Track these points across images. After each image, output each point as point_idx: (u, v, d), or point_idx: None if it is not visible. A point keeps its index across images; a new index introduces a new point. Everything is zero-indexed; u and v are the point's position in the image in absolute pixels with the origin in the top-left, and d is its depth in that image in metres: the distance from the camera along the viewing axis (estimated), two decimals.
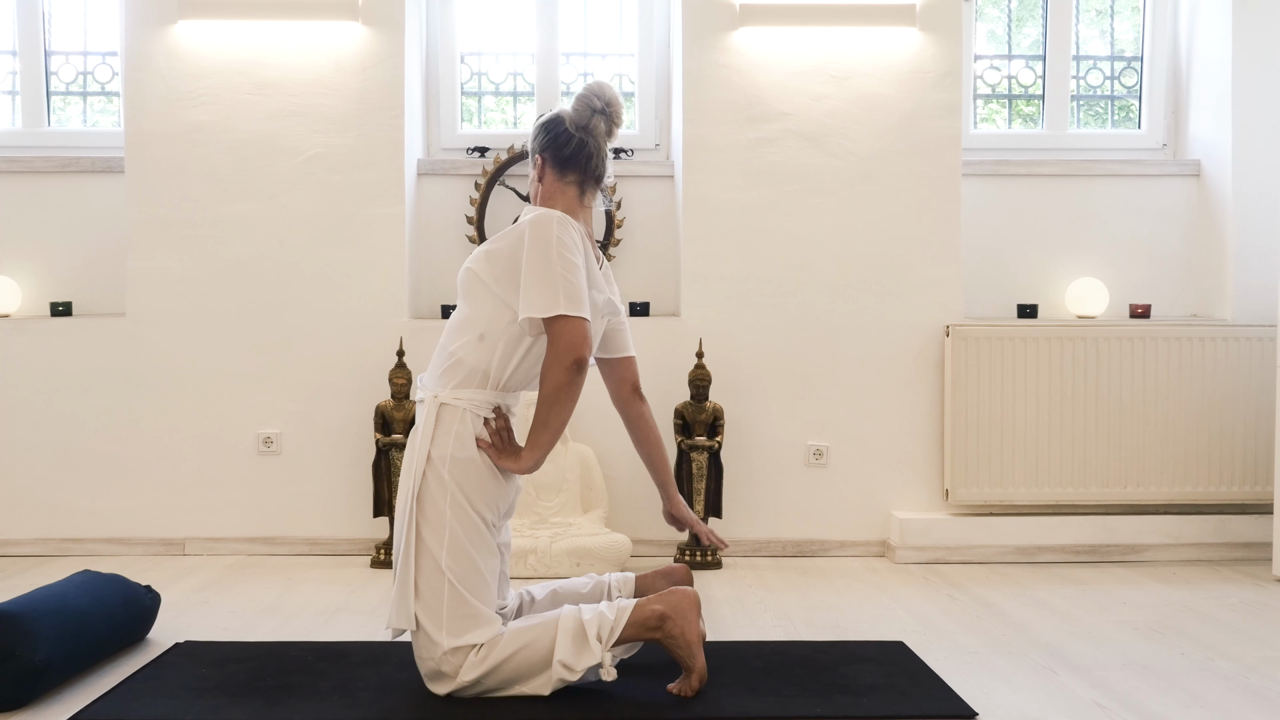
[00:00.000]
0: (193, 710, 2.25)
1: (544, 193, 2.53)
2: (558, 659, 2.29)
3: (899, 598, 3.29)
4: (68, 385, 3.88)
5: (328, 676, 2.47)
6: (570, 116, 2.53)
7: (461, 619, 2.29)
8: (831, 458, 3.94)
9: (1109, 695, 2.38)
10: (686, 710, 2.26)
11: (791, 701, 2.32)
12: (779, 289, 3.93)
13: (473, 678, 2.28)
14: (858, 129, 3.94)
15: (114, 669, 2.55)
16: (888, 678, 2.47)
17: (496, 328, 2.39)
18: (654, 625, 2.36)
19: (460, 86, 4.25)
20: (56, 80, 4.21)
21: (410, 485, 2.35)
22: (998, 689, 2.43)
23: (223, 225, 3.89)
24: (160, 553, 3.87)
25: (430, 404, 2.38)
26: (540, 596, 2.61)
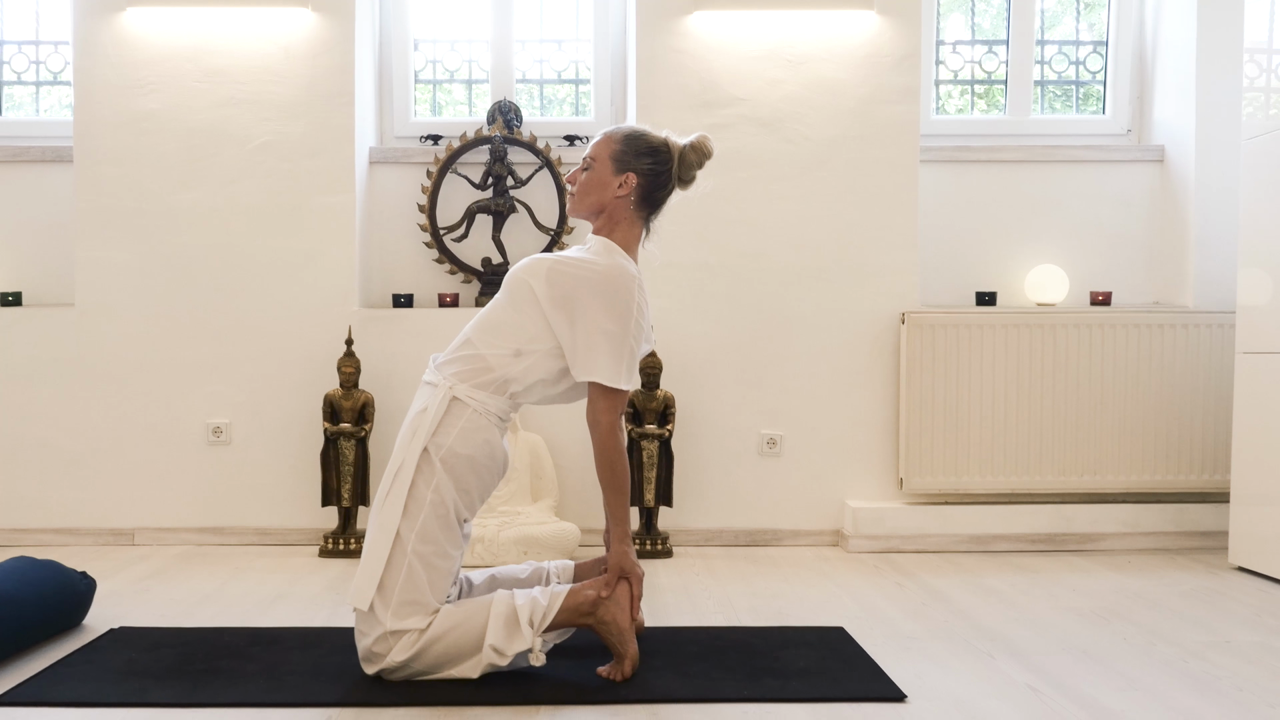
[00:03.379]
0: (116, 693, 2.22)
1: (615, 213, 2.48)
2: (489, 643, 2.27)
3: (846, 585, 3.27)
4: (16, 376, 3.84)
5: (257, 661, 2.44)
6: (679, 165, 2.50)
7: (408, 603, 2.26)
8: (785, 447, 3.92)
9: (1043, 679, 2.37)
10: (613, 693, 2.24)
11: (720, 685, 2.29)
12: (733, 276, 3.91)
13: (403, 658, 2.26)
14: (814, 114, 3.92)
15: (46, 654, 2.52)
16: (821, 662, 2.46)
17: (535, 349, 2.38)
18: (587, 611, 2.34)
19: (414, 74, 4.23)
20: (9, 70, 4.18)
21: (398, 465, 2.33)
22: (931, 673, 2.41)
23: (171, 214, 3.85)
24: (109, 543, 3.83)
25: (443, 393, 2.36)
26: (478, 582, 2.59)
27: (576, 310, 2.36)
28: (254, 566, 3.49)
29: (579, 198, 2.50)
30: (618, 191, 2.47)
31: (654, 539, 3.70)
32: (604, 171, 2.48)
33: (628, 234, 2.50)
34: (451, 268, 4.02)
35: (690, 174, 2.54)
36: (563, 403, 2.53)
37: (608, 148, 2.49)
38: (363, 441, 3.68)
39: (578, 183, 2.50)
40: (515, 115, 4.08)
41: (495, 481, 2.42)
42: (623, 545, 2.38)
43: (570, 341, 2.36)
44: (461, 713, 2.14)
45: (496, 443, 2.39)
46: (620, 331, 2.36)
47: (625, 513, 2.39)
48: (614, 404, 2.37)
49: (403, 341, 3.81)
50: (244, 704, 2.18)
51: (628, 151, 2.47)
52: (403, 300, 3.94)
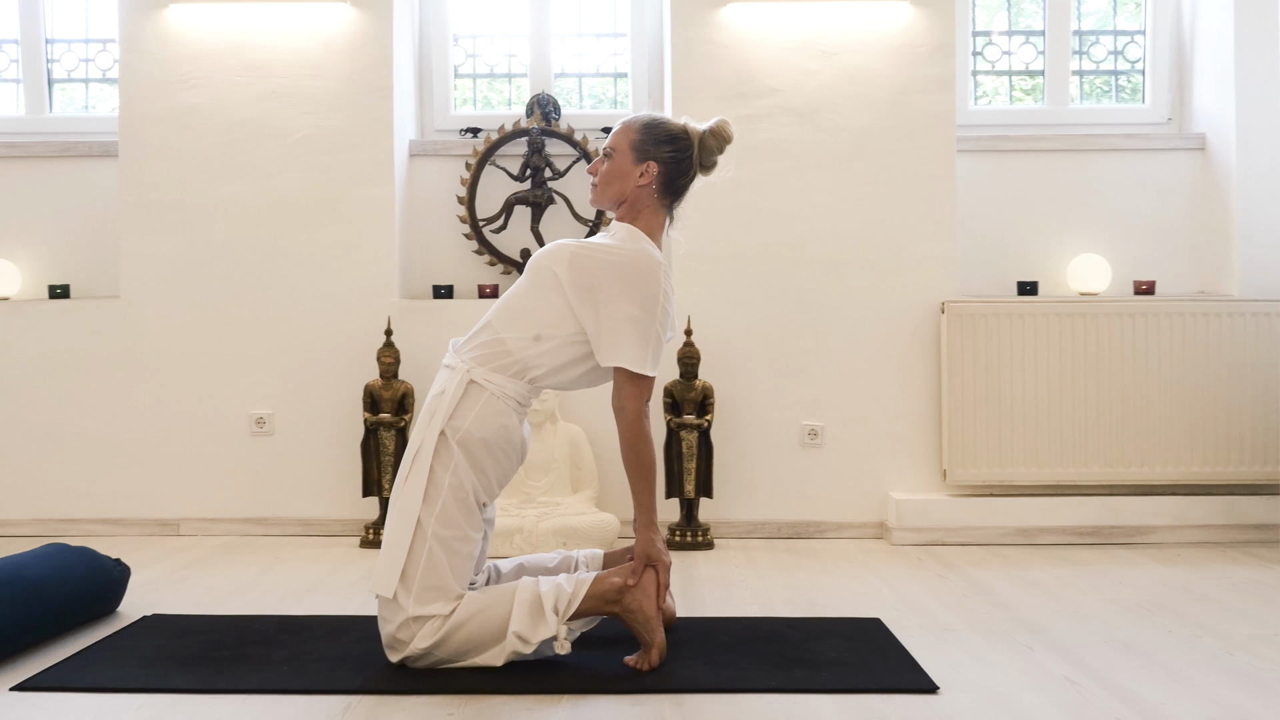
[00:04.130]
0: (139, 678, 2.24)
1: (637, 202, 2.46)
2: (513, 630, 2.26)
3: (886, 578, 3.22)
4: (64, 367, 3.91)
5: (284, 648, 2.45)
6: (699, 151, 2.47)
7: (430, 589, 2.26)
8: (826, 438, 3.87)
9: (1082, 671, 2.30)
10: (638, 682, 2.21)
11: (748, 674, 2.26)
12: (770, 267, 3.87)
13: (426, 645, 2.25)
14: (849, 104, 3.87)
15: (78, 639, 2.55)
16: (854, 653, 2.41)
17: (556, 334, 2.36)
18: (613, 599, 2.32)
19: (454, 68, 4.23)
20: (59, 68, 4.25)
21: (416, 447, 2.33)
22: (967, 664, 2.36)
23: (214, 207, 3.90)
24: (155, 533, 3.88)
25: (460, 375, 2.35)
26: (506, 570, 2.58)
27: (601, 296, 2.33)
28: (294, 557, 3.52)
29: (601, 188, 2.48)
30: (639, 181, 2.44)
31: (694, 530, 3.67)
32: (624, 161, 2.45)
33: (651, 221, 2.47)
34: (491, 259, 4.02)
35: (711, 160, 2.51)
36: (584, 387, 2.51)
37: (627, 137, 2.47)
38: (403, 432, 3.70)
39: (599, 173, 2.48)
40: (553, 108, 4.07)
41: (513, 466, 2.40)
42: (649, 533, 2.35)
43: (595, 327, 2.34)
44: (483, 701, 2.13)
45: (514, 427, 2.37)
46: (646, 317, 2.33)
47: (652, 500, 2.37)
48: (640, 390, 2.35)
49: (442, 332, 3.82)
50: (265, 690, 2.18)
51: (647, 140, 2.45)
52: (443, 291, 3.94)
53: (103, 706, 2.11)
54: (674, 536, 3.67)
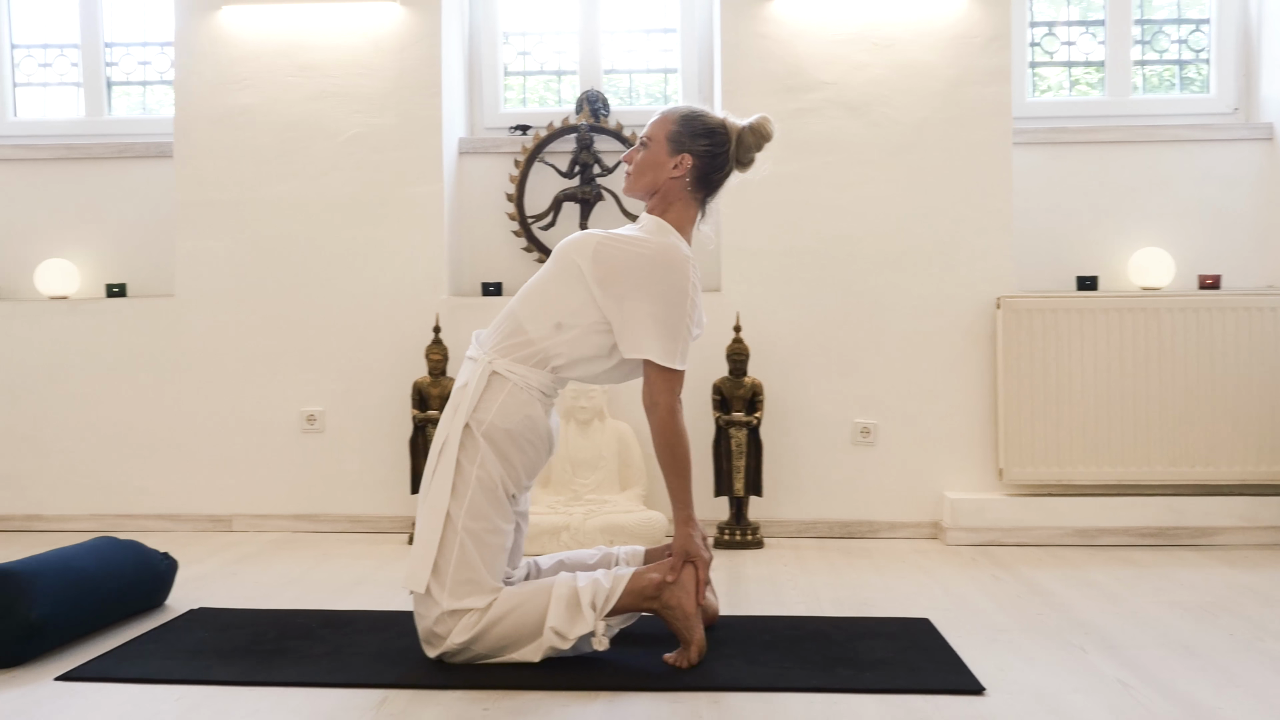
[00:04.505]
0: (180, 670, 2.25)
1: (669, 193, 2.41)
2: (549, 625, 2.23)
3: (939, 578, 3.15)
4: (121, 365, 3.97)
5: (325, 642, 2.45)
6: (736, 147, 2.42)
7: (464, 583, 2.24)
8: (879, 436, 3.80)
9: (1136, 674, 2.22)
10: (676, 680, 2.18)
11: (789, 673, 2.21)
12: (822, 263, 3.81)
13: (463, 640, 2.23)
14: (901, 97, 3.80)
15: (125, 632, 2.57)
16: (900, 653, 2.35)
17: (578, 324, 2.33)
18: (651, 595, 2.28)
19: (503, 66, 4.23)
20: (118, 71, 4.32)
21: (442, 441, 2.32)
22: (1016, 666, 2.28)
23: (266, 206, 3.93)
24: (208, 529, 3.93)
25: (483, 367, 2.34)
26: (546, 566, 2.56)
27: (625, 288, 2.30)
28: (341, 553, 3.53)
29: (634, 177, 2.44)
30: (672, 172, 2.40)
31: (744, 529, 3.63)
32: (659, 151, 2.42)
33: (682, 215, 2.43)
34: (539, 256, 4.01)
35: (748, 156, 2.46)
36: (612, 382, 2.47)
37: (664, 127, 2.43)
38: None
39: (633, 162, 2.45)
40: (602, 104, 4.05)
41: (541, 457, 2.38)
42: (687, 528, 2.32)
43: (620, 319, 2.31)
44: (518, 696, 2.11)
45: (539, 417, 2.34)
46: (672, 311, 2.30)
47: (688, 495, 2.33)
48: (671, 385, 2.31)
49: None
50: (303, 683, 2.18)
51: (684, 132, 2.41)
52: (491, 288, 3.94)
53: (142, 697, 2.12)
54: (722, 535, 3.62)
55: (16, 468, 3.99)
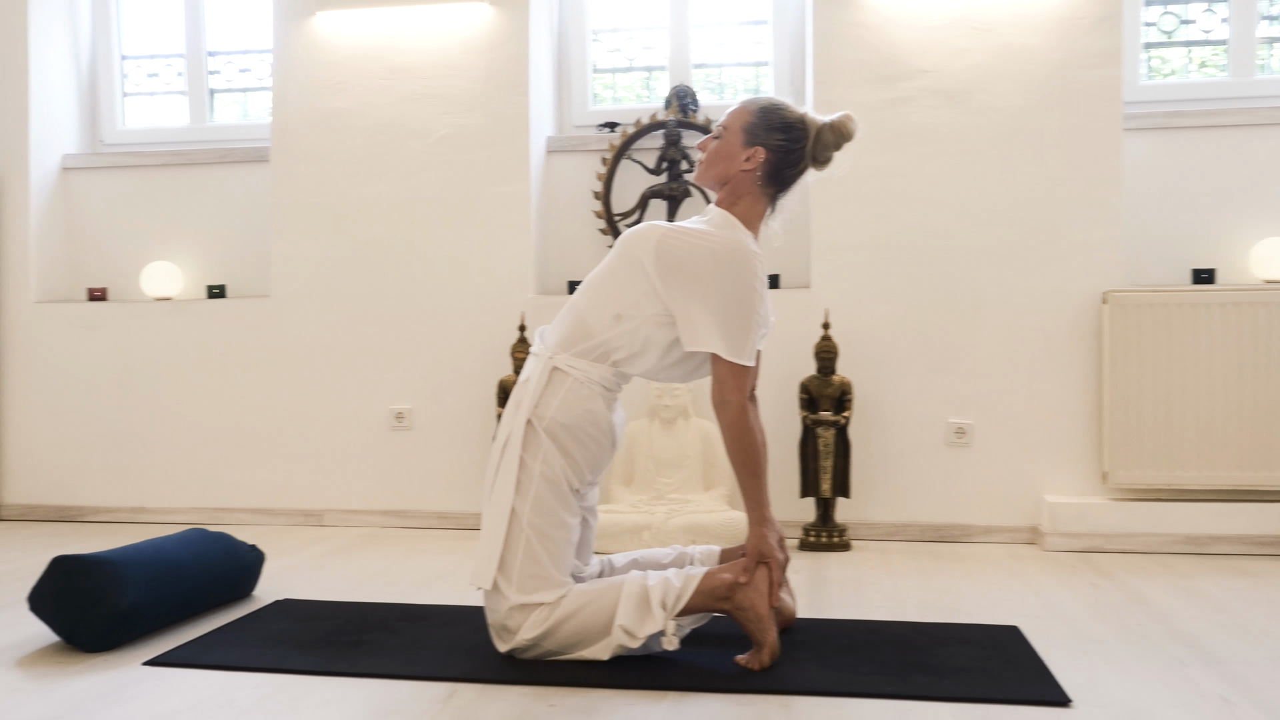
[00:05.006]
0: (260, 659, 2.28)
1: (738, 186, 2.35)
2: (619, 624, 2.20)
3: (1033, 584, 3.02)
4: (220, 363, 4.08)
5: (400, 635, 2.46)
6: (814, 144, 2.35)
7: (532, 577, 2.22)
8: (975, 437, 3.67)
9: (1240, 690, 2.09)
10: (746, 682, 2.12)
11: (864, 679, 2.14)
12: (917, 257, 3.70)
13: (533, 636, 2.21)
14: (1003, 83, 3.67)
15: (213, 620, 2.62)
16: (983, 661, 2.26)
17: (638, 315, 2.29)
18: (723, 595, 2.23)
19: (592, 64, 4.23)
20: (220, 79, 4.44)
21: (505, 437, 2.31)
22: (1108, 678, 2.17)
23: (358, 207, 3.99)
24: (301, 523, 4.01)
25: (544, 363, 2.32)
26: (620, 564, 2.53)
27: (689, 282, 2.24)
28: (426, 548, 3.56)
29: (705, 166, 2.39)
30: (744, 165, 2.34)
31: (830, 531, 3.54)
32: (733, 142, 2.36)
33: (750, 210, 2.37)
34: None
35: (826, 154, 2.38)
36: (676, 380, 2.42)
37: (741, 118, 2.37)
38: None
39: (706, 150, 2.40)
40: (691, 99, 4.01)
41: (604, 452, 2.34)
42: (761, 529, 2.26)
43: (683, 313, 2.26)
44: (584, 694, 2.08)
45: (600, 412, 2.31)
46: (737, 305, 2.24)
47: (762, 495, 2.27)
48: (741, 383, 2.26)
49: None
50: (376, 674, 2.19)
51: (760, 124, 2.34)
52: (577, 286, 3.93)
53: (222, 683, 2.15)
54: (807, 537, 3.55)
55: (123, 462, 4.12)
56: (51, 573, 2.37)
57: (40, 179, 4.24)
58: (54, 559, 2.39)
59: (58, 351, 4.17)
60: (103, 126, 4.44)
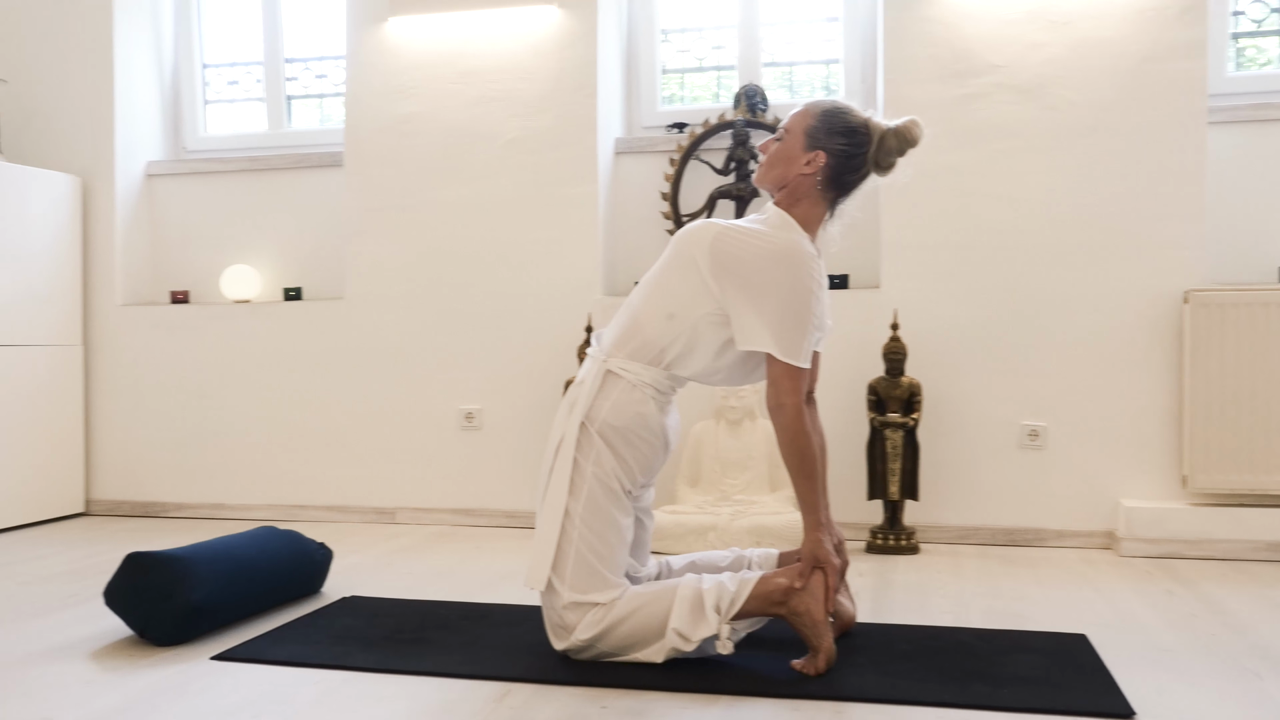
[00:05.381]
0: (322, 655, 2.33)
1: (797, 189, 2.33)
2: (672, 627, 2.20)
3: (1106, 591, 2.95)
4: (296, 364, 4.17)
5: (461, 634, 2.49)
6: (876, 149, 2.33)
7: (586, 576, 2.23)
8: (1049, 439, 3.59)
9: None
10: (800, 688, 2.10)
11: (920, 687, 2.11)
12: (989, 256, 3.64)
13: (588, 637, 2.22)
14: (1080, 77, 3.58)
15: (281, 616, 2.68)
16: (1046, 670, 2.21)
17: (691, 314, 2.29)
18: (778, 600, 2.22)
19: (661, 64, 4.23)
20: (297, 85, 4.54)
21: (559, 439, 2.32)
22: (1176, 690, 2.10)
23: (428, 210, 4.05)
24: (374, 521, 4.08)
25: (598, 365, 2.34)
26: (677, 566, 2.53)
27: (743, 281, 2.23)
28: (494, 547, 3.60)
29: (765, 168, 2.37)
30: (803, 169, 2.32)
31: (898, 534, 3.50)
32: (794, 145, 2.33)
33: (809, 213, 2.34)
34: None
35: (889, 160, 2.34)
36: (730, 384, 2.40)
37: (803, 121, 2.35)
38: None
39: (767, 152, 2.38)
40: (760, 99, 3.99)
41: (656, 456, 2.34)
42: (817, 533, 2.24)
43: (736, 312, 2.24)
44: (635, 696, 2.08)
45: (652, 415, 2.30)
46: (791, 306, 2.22)
47: (817, 500, 2.25)
48: (797, 385, 2.23)
49: None
50: (433, 673, 2.22)
51: (821, 128, 2.31)
52: None
53: (284, 678, 2.20)
54: (875, 539, 3.50)
55: (204, 460, 4.24)
56: (125, 569, 2.45)
57: (125, 186, 4.38)
58: (127, 556, 2.47)
59: (142, 353, 4.31)
60: (185, 133, 4.57)
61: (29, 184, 4.09)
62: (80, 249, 4.31)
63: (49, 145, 4.37)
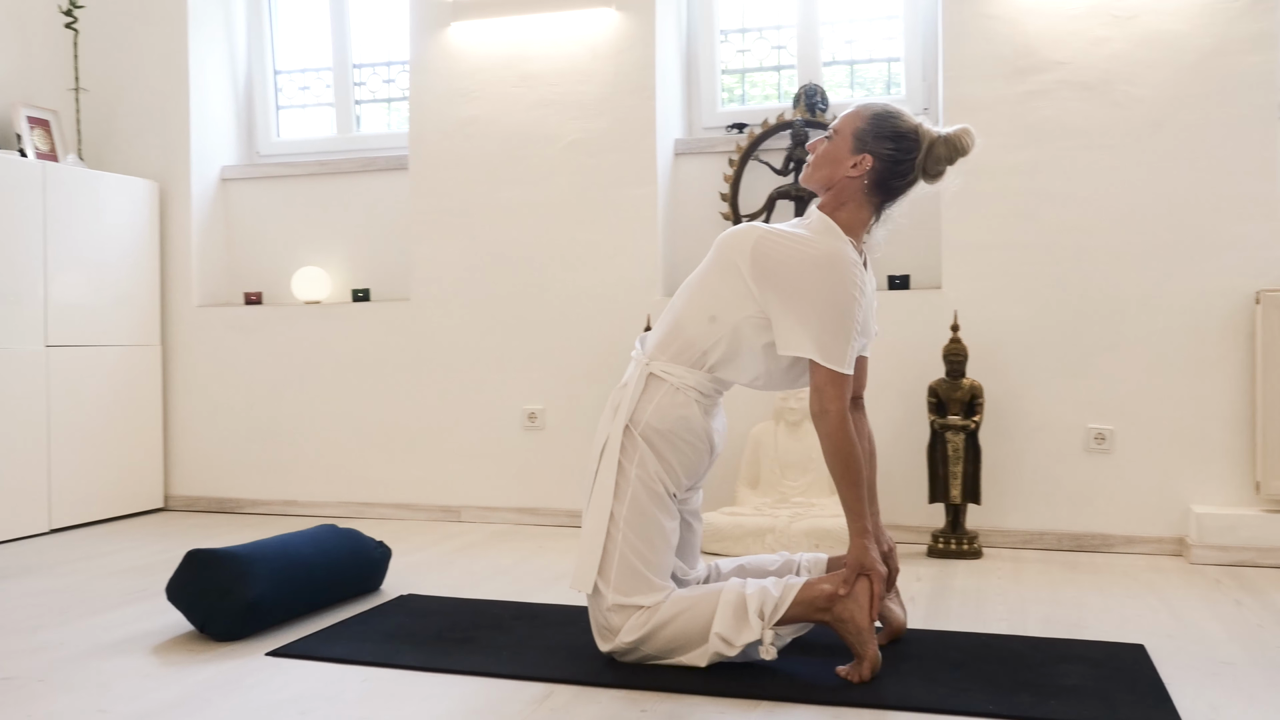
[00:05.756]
0: (372, 653, 2.38)
1: (843, 192, 2.32)
2: (715, 631, 2.20)
3: (1171, 600, 2.88)
4: (364, 364, 4.25)
5: (511, 634, 2.52)
6: (925, 156, 2.30)
7: (630, 579, 2.25)
8: (1116, 443, 3.52)
9: None
10: (842, 694, 2.09)
11: (964, 695, 2.08)
12: (1053, 257, 3.57)
13: (632, 640, 2.24)
14: (1146, 73, 3.50)
15: (339, 613, 2.74)
16: (1096, 681, 2.17)
17: (732, 317, 2.29)
18: (823, 606, 2.21)
19: (720, 65, 4.22)
20: (365, 90, 4.63)
21: (603, 442, 2.34)
22: (1232, 706, 2.05)
23: (491, 212, 4.10)
24: (440, 519, 4.14)
25: (641, 368, 2.35)
26: (727, 569, 2.53)
27: (784, 286, 2.22)
28: (554, 546, 3.63)
29: (812, 168, 2.36)
30: (850, 171, 2.30)
31: (960, 538, 3.45)
32: (842, 146, 2.32)
33: (853, 217, 2.33)
34: None
35: (938, 168, 2.32)
36: (773, 389, 2.39)
37: (853, 123, 2.33)
38: None
39: (816, 151, 2.36)
40: (821, 98, 3.96)
41: (700, 458, 2.34)
42: (862, 540, 2.22)
43: (778, 316, 2.24)
44: (676, 699, 2.09)
45: (695, 418, 2.31)
46: (834, 312, 2.21)
47: (863, 506, 2.24)
48: (840, 391, 2.22)
49: None
50: (478, 672, 2.25)
51: (870, 131, 2.30)
52: None
53: (333, 675, 2.25)
54: (936, 543, 3.46)
55: (276, 458, 4.35)
56: (186, 565, 2.52)
57: (201, 190, 4.51)
58: (188, 553, 2.55)
59: (217, 353, 4.43)
60: (259, 138, 4.69)
61: (109, 190, 4.23)
62: (158, 252, 4.45)
63: (127, 152, 4.52)
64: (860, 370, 2.46)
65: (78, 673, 2.29)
